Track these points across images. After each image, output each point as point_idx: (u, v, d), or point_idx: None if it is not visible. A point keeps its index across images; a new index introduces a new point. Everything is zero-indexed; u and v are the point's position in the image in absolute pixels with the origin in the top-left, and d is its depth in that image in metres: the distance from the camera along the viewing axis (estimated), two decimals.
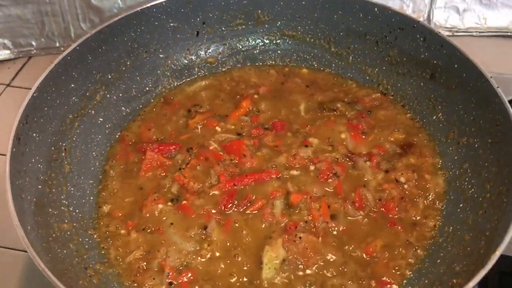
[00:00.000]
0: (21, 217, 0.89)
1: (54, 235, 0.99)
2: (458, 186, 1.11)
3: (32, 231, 0.92)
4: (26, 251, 1.12)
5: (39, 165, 1.05)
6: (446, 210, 1.10)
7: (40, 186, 1.03)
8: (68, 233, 1.03)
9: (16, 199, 0.91)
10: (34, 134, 1.05)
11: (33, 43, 1.62)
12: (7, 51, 1.61)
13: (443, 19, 1.66)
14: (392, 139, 1.23)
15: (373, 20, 1.30)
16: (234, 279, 1.00)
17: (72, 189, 1.11)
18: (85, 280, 0.96)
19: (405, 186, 1.13)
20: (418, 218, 1.09)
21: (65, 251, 0.98)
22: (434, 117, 1.23)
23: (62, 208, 1.06)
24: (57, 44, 1.62)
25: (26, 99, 1.04)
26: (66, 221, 1.05)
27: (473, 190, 1.08)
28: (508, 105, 1.03)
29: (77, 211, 1.09)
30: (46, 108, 1.10)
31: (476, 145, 1.11)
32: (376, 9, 1.29)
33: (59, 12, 1.56)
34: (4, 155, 0.97)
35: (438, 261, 1.01)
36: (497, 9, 1.64)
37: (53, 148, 1.10)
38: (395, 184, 1.13)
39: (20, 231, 0.86)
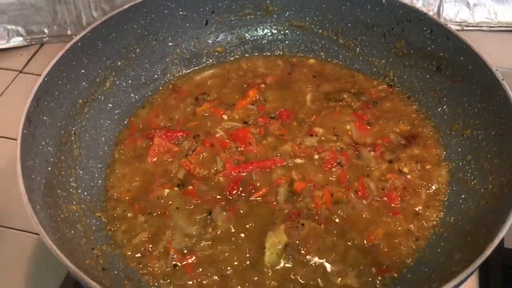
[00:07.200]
0: (31, 196, 0.92)
1: (62, 215, 1.02)
2: (461, 178, 1.12)
3: (41, 211, 0.94)
4: (37, 234, 1.16)
5: (49, 148, 1.07)
6: (448, 201, 1.11)
7: (49, 168, 1.05)
8: (76, 214, 1.06)
9: (26, 179, 0.93)
10: (45, 118, 1.07)
11: (46, 30, 1.64)
12: (20, 38, 1.64)
13: (453, 13, 1.66)
14: (397, 130, 1.24)
15: (380, 11, 1.31)
16: (237, 263, 1.02)
17: (81, 172, 1.13)
18: (92, 260, 0.98)
19: (408, 177, 1.14)
20: (420, 208, 1.10)
21: (72, 232, 1.01)
22: (439, 109, 1.24)
23: (71, 190, 1.09)
24: (69, 32, 1.65)
25: (37, 83, 1.06)
26: (75, 202, 1.07)
27: (475, 181, 1.09)
28: None
29: (85, 193, 1.11)
30: (56, 93, 1.12)
31: (480, 137, 1.12)
32: (383, 1, 1.29)
33: (71, 0, 1.59)
34: (16, 139, 0.99)
35: (439, 250, 1.02)
36: (508, 3, 1.63)
37: (63, 131, 1.13)
38: (398, 174, 1.15)
39: (29, 209, 0.88)
